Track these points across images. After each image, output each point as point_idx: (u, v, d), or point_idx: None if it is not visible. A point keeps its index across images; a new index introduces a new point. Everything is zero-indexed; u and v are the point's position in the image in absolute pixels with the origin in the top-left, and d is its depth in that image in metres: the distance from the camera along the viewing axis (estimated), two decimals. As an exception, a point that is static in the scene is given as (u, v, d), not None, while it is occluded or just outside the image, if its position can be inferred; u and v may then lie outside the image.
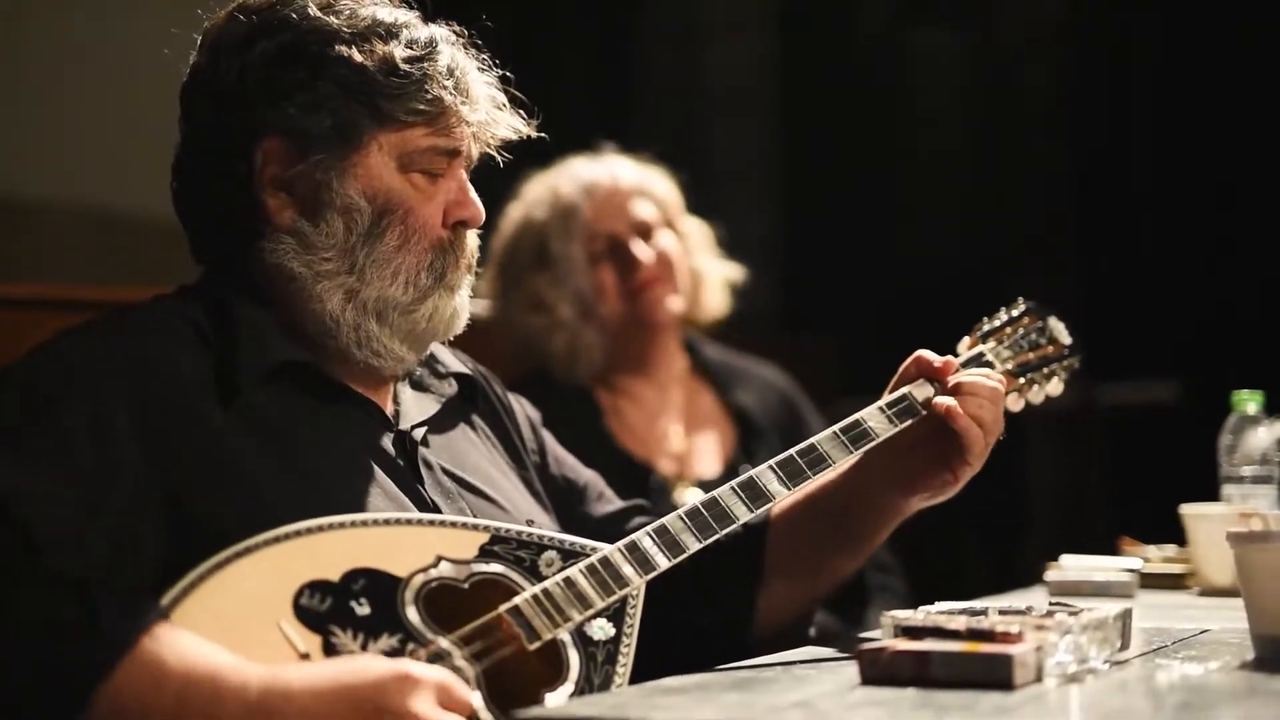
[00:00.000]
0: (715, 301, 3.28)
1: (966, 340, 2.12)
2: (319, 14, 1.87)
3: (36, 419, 1.69)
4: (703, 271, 3.24)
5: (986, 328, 2.14)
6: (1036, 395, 2.14)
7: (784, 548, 2.09)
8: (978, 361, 2.09)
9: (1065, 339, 2.17)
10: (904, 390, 2.02)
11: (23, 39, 4.08)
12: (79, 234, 4.25)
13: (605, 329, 3.10)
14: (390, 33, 1.88)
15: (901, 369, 2.05)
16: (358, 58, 1.85)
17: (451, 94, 1.88)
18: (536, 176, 3.16)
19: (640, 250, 3.10)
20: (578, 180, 3.14)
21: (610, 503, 2.17)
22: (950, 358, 2.05)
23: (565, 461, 2.19)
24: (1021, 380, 2.11)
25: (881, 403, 2.01)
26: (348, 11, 1.89)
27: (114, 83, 4.03)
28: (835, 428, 1.98)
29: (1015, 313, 2.16)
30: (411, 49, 1.87)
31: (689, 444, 3.13)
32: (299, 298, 1.88)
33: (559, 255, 3.10)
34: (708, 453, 3.15)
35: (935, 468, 2.00)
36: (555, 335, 3.10)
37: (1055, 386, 2.15)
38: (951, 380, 2.00)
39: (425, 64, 1.87)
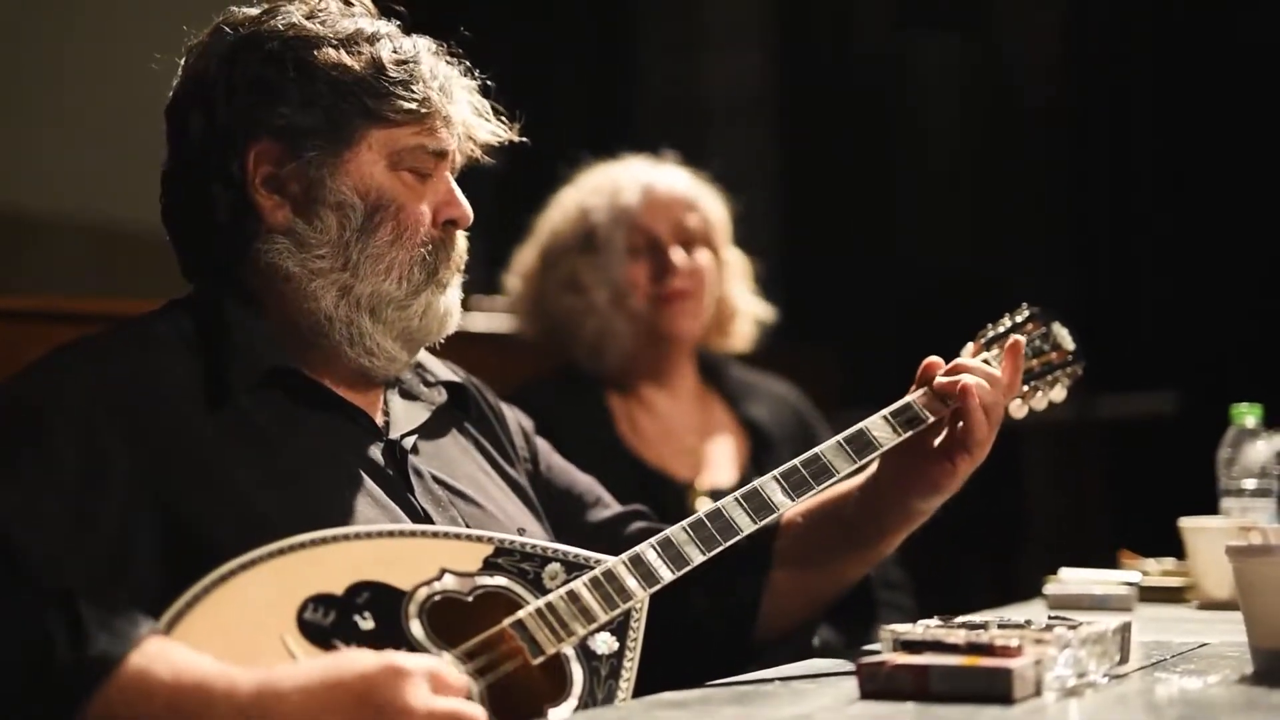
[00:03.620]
0: (743, 335, 3.29)
1: (971, 346, 2.12)
2: (304, 22, 1.91)
3: (25, 435, 1.70)
4: (735, 303, 3.26)
5: (991, 334, 2.14)
6: (1040, 402, 2.14)
7: (794, 546, 2.10)
8: None
9: (1069, 345, 2.17)
10: (908, 399, 2.02)
11: (24, 53, 4.08)
12: (80, 247, 4.25)
13: (634, 322, 3.12)
14: (375, 39, 1.92)
15: (917, 377, 2.05)
16: (346, 60, 1.89)
17: (438, 94, 1.92)
18: (598, 166, 3.21)
19: (677, 256, 3.12)
20: (639, 177, 3.17)
21: (608, 507, 2.18)
22: (960, 361, 2.06)
23: (561, 468, 2.19)
24: (1025, 387, 2.12)
25: (886, 411, 2.01)
26: (332, 22, 1.93)
27: (115, 96, 4.02)
28: (839, 437, 1.98)
29: (1019, 319, 2.16)
30: (397, 53, 1.92)
31: (702, 454, 3.15)
32: (293, 298, 1.90)
33: (604, 241, 3.12)
34: (722, 462, 3.16)
35: (935, 458, 2.00)
36: (588, 319, 3.12)
37: (1059, 393, 2.16)
38: (963, 363, 2.02)
39: (411, 66, 1.91)
